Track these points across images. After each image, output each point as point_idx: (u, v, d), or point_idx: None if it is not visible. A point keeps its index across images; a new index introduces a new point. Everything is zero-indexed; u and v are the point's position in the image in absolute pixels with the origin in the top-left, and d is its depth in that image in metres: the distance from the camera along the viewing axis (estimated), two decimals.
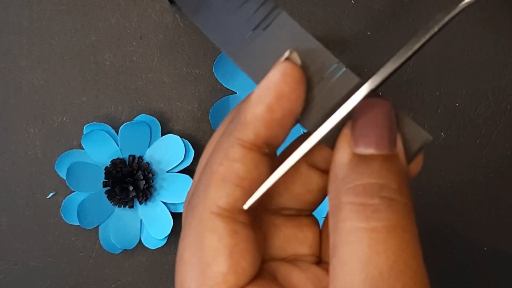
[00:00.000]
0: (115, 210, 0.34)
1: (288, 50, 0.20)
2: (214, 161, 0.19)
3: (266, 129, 0.19)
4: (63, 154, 0.34)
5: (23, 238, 0.35)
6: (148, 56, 0.34)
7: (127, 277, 0.35)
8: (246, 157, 0.19)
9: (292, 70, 0.19)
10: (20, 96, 0.34)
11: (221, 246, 0.19)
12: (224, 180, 0.19)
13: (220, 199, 0.19)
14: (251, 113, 0.19)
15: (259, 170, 0.19)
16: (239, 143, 0.19)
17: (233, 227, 0.19)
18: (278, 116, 0.19)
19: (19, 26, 0.34)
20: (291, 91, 0.19)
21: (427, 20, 0.33)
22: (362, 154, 0.19)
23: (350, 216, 0.18)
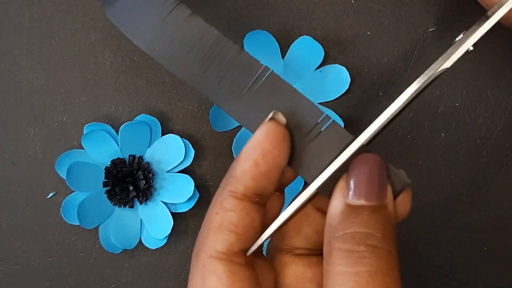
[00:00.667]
0: (115, 210, 0.34)
1: (272, 112, 0.23)
2: (211, 212, 0.23)
3: (253, 182, 0.22)
4: (63, 154, 0.34)
5: (23, 238, 0.35)
6: (148, 56, 0.34)
7: (127, 277, 0.35)
8: (238, 207, 0.22)
9: (274, 129, 0.22)
10: (20, 96, 0.34)
11: (220, 285, 0.21)
12: (220, 227, 0.22)
13: (218, 244, 0.22)
14: (240, 169, 0.22)
15: (251, 217, 0.22)
16: (231, 195, 0.22)
17: (230, 268, 0.22)
18: (263, 170, 0.22)
19: (19, 26, 0.34)
20: (274, 148, 0.22)
21: (427, 19, 0.33)
22: (354, 205, 0.21)
23: (338, 261, 0.20)
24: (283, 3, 0.34)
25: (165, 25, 0.24)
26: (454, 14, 0.33)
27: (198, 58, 0.24)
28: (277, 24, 0.34)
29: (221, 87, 0.24)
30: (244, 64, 0.24)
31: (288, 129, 0.23)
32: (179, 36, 0.24)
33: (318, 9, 0.33)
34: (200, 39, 0.24)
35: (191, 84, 0.24)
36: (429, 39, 0.33)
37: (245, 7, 0.34)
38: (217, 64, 0.24)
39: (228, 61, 0.24)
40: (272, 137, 0.22)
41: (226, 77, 0.24)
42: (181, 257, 0.35)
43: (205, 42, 0.24)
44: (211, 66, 0.24)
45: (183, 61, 0.24)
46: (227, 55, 0.24)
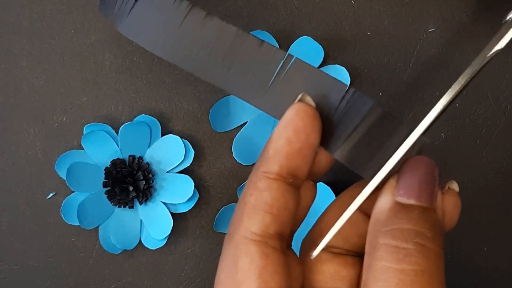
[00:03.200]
0: (115, 211, 0.34)
1: (300, 94, 0.23)
2: (246, 194, 0.22)
3: (287, 160, 0.22)
4: (63, 154, 0.34)
5: (23, 238, 0.35)
6: (148, 56, 0.34)
7: (127, 277, 0.35)
8: (272, 187, 0.22)
9: (304, 107, 0.22)
10: (20, 96, 0.34)
11: (252, 267, 0.21)
12: (255, 208, 0.22)
13: (252, 226, 0.21)
14: (273, 148, 0.22)
15: (286, 198, 0.22)
16: (265, 175, 0.22)
17: (264, 250, 0.21)
18: (296, 148, 0.22)
19: (19, 26, 0.34)
20: (306, 125, 0.22)
21: (427, 20, 0.33)
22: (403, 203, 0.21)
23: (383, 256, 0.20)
24: (283, 3, 0.34)
25: (182, 31, 0.24)
26: (454, 15, 0.33)
27: (220, 58, 0.24)
28: (277, 25, 0.34)
29: (246, 81, 0.24)
30: (266, 55, 0.23)
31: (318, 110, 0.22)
32: (198, 39, 0.24)
33: (318, 10, 0.33)
34: (219, 38, 0.24)
35: (216, 84, 0.24)
36: (429, 40, 0.33)
37: (245, 8, 0.34)
38: (239, 60, 0.24)
39: (250, 55, 0.24)
40: (303, 115, 0.22)
41: (250, 71, 0.24)
42: (181, 258, 0.35)
43: (224, 40, 0.24)
44: (233, 63, 0.24)
45: (206, 63, 0.24)
46: (248, 49, 0.24)
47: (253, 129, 0.34)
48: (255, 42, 0.24)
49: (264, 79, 0.24)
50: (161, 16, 0.25)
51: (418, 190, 0.21)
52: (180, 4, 0.24)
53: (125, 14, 0.25)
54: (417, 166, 0.21)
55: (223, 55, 0.24)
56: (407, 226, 0.20)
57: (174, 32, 0.25)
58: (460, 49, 0.33)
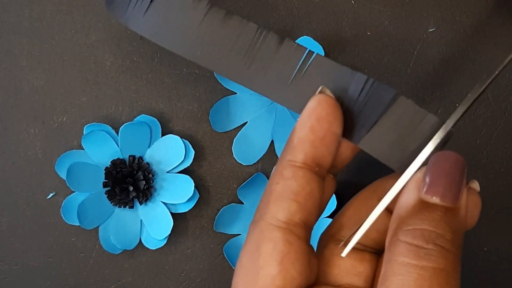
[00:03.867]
0: (115, 211, 0.34)
1: (320, 87, 0.23)
2: (272, 182, 0.23)
3: (312, 148, 0.22)
4: (63, 155, 0.34)
5: (23, 238, 0.35)
6: (148, 56, 0.34)
7: (127, 278, 0.35)
8: (298, 175, 0.22)
9: (325, 98, 0.23)
10: (20, 96, 0.34)
11: (274, 253, 0.21)
12: (281, 196, 0.22)
13: (278, 213, 0.22)
14: (297, 137, 0.22)
15: (311, 186, 0.22)
16: (290, 164, 0.22)
17: (288, 237, 0.21)
18: (320, 135, 0.22)
19: (19, 26, 0.34)
20: (328, 114, 0.22)
21: (427, 19, 0.33)
22: (427, 201, 0.21)
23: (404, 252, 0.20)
24: (283, 3, 0.34)
25: (202, 29, 0.25)
26: (454, 15, 0.33)
27: (241, 55, 0.24)
28: (277, 25, 0.34)
29: (267, 78, 0.24)
30: (287, 52, 0.24)
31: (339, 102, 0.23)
32: (218, 37, 0.25)
33: (318, 10, 0.33)
34: (240, 36, 0.24)
35: (237, 81, 0.25)
36: (429, 40, 0.33)
37: (245, 8, 0.34)
38: (260, 57, 0.24)
39: (271, 52, 0.24)
40: (324, 104, 0.22)
41: (271, 68, 0.24)
42: (181, 258, 0.35)
43: (245, 38, 0.24)
44: (254, 60, 0.24)
45: (227, 60, 0.25)
46: (269, 46, 0.24)
47: (253, 129, 0.34)
48: (276, 39, 0.24)
49: (285, 75, 0.24)
50: (180, 15, 0.25)
51: (443, 189, 0.21)
52: (199, 3, 0.25)
53: (140, 13, 0.26)
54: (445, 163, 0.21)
55: (243, 52, 0.24)
56: (429, 228, 0.20)
57: (194, 31, 0.25)
58: (460, 49, 0.33)
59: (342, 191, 0.34)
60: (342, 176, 0.34)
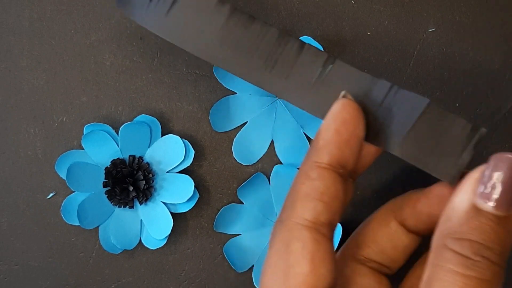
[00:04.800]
0: (115, 211, 0.34)
1: (342, 92, 0.24)
2: (297, 182, 0.23)
3: (337, 150, 0.23)
4: (63, 154, 0.34)
5: (23, 238, 0.35)
6: (148, 56, 0.34)
7: (127, 277, 0.35)
8: (323, 176, 0.23)
9: (349, 102, 0.23)
10: (20, 96, 0.34)
11: (304, 251, 0.22)
12: (308, 196, 0.22)
13: (305, 213, 0.22)
14: (322, 139, 0.23)
15: (336, 186, 0.23)
16: (316, 165, 0.23)
17: (316, 236, 0.22)
18: (345, 138, 0.23)
19: (19, 27, 0.34)
20: (353, 117, 0.23)
21: (427, 19, 0.33)
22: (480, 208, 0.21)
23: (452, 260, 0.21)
24: (283, 3, 0.34)
25: (224, 32, 0.25)
26: (454, 15, 0.33)
27: (263, 59, 0.25)
28: (277, 24, 0.34)
29: (289, 82, 0.25)
30: (309, 56, 0.24)
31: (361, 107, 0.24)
32: (240, 41, 0.25)
33: (318, 10, 0.33)
34: (262, 41, 0.25)
35: (259, 85, 0.25)
36: (429, 40, 0.33)
37: (245, 7, 0.34)
38: (282, 61, 0.24)
39: (293, 56, 0.24)
40: (349, 109, 0.23)
41: (292, 73, 0.24)
42: (181, 258, 0.35)
43: (267, 42, 0.25)
44: (276, 64, 0.25)
45: (248, 64, 0.25)
46: (291, 50, 0.24)
47: (253, 129, 0.34)
48: (297, 44, 0.24)
49: (306, 80, 0.24)
50: (202, 18, 0.25)
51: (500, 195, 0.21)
52: (222, 6, 0.25)
53: (160, 13, 0.26)
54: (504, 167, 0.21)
55: (265, 56, 0.25)
56: (478, 240, 0.21)
57: (215, 34, 0.25)
58: (460, 49, 0.33)
59: None
60: None
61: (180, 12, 0.25)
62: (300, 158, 0.34)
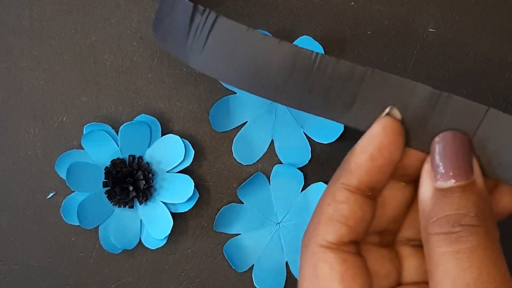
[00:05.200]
0: (115, 210, 0.34)
1: (389, 107, 0.22)
2: (323, 203, 0.22)
3: (368, 176, 0.22)
4: (63, 154, 0.34)
5: (23, 238, 0.35)
6: (148, 56, 0.34)
7: (127, 277, 0.35)
8: (350, 199, 0.22)
9: (391, 123, 0.22)
10: (20, 96, 0.34)
11: (333, 272, 0.22)
12: (331, 219, 0.22)
13: (328, 235, 0.22)
14: (355, 162, 0.22)
15: (363, 210, 0.22)
16: (344, 187, 0.22)
17: (342, 256, 0.22)
18: (379, 164, 0.22)
19: (19, 26, 0.34)
20: (391, 143, 0.22)
21: (427, 19, 0.33)
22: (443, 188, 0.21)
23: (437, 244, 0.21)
24: (283, 3, 0.34)
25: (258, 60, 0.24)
26: (454, 15, 0.33)
27: (300, 82, 0.23)
28: (277, 24, 0.34)
29: (329, 102, 0.23)
30: (345, 72, 0.23)
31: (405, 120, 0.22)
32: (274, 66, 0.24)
33: (318, 9, 0.33)
34: (296, 63, 0.23)
35: (299, 108, 0.24)
36: (429, 40, 0.33)
37: (245, 7, 0.34)
38: (319, 82, 0.23)
39: (329, 75, 0.23)
40: (389, 132, 0.22)
41: (332, 91, 0.23)
42: (181, 257, 0.35)
43: (301, 64, 0.23)
44: (314, 85, 0.23)
45: (285, 89, 0.24)
46: (326, 69, 0.23)
47: (253, 129, 0.34)
48: (332, 61, 0.23)
49: (346, 95, 0.23)
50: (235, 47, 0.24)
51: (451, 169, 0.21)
52: (253, 32, 0.24)
53: (198, 50, 0.25)
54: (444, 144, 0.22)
55: (302, 79, 0.23)
56: (451, 213, 0.21)
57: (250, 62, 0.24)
58: (460, 49, 0.33)
59: None
60: None
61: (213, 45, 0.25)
62: (300, 158, 0.34)
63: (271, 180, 0.34)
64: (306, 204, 0.34)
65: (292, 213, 0.34)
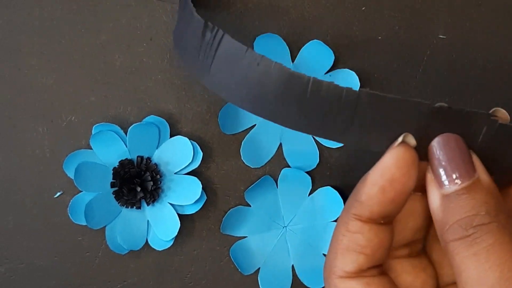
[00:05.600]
0: (122, 211, 0.34)
1: (402, 135, 0.21)
2: (338, 233, 0.22)
3: (380, 207, 0.22)
4: (71, 154, 0.34)
5: (29, 237, 0.35)
6: (158, 57, 0.34)
7: (133, 278, 0.35)
8: (364, 229, 0.22)
9: (404, 154, 0.21)
10: (29, 95, 0.34)
11: None
12: (348, 249, 0.22)
13: (346, 266, 0.22)
14: (365, 194, 0.22)
15: (379, 238, 0.22)
16: (356, 218, 0.22)
17: (364, 281, 0.22)
18: (390, 197, 0.21)
19: (29, 25, 0.34)
20: (403, 175, 0.21)
21: (437, 26, 0.33)
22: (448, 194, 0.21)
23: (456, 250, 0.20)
24: (294, 6, 0.34)
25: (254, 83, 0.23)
26: (465, 22, 0.33)
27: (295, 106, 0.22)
28: (288, 28, 0.34)
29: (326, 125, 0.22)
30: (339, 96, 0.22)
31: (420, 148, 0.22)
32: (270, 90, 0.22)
33: (328, 14, 0.33)
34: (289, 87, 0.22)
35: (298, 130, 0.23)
36: (439, 46, 0.33)
37: (256, 10, 0.34)
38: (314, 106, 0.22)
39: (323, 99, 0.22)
40: (402, 164, 0.21)
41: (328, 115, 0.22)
42: (187, 259, 0.35)
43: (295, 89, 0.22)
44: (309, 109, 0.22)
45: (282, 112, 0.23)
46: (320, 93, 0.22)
47: (262, 132, 0.34)
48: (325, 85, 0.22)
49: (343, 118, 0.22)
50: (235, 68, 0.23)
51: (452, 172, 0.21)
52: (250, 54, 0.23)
53: (207, 68, 0.25)
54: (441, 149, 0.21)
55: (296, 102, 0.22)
56: (461, 217, 0.20)
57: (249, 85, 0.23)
58: (470, 56, 0.33)
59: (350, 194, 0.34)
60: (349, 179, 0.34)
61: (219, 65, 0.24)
62: (308, 162, 0.34)
63: (278, 183, 0.34)
64: (313, 208, 0.34)
65: (299, 216, 0.34)
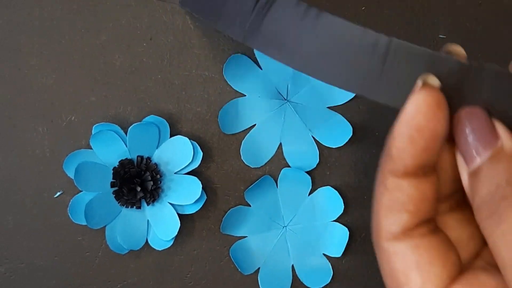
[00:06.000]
0: (122, 211, 0.34)
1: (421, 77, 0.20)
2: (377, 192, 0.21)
3: (412, 159, 0.20)
4: (71, 154, 0.34)
5: (29, 237, 0.35)
6: (158, 57, 0.34)
7: (133, 278, 0.35)
8: (402, 185, 0.20)
9: (425, 99, 0.19)
10: (29, 95, 0.34)
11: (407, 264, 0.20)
12: (389, 209, 0.20)
13: (391, 227, 0.20)
14: (395, 147, 0.20)
15: (421, 191, 0.20)
16: (391, 174, 0.20)
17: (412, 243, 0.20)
18: (421, 146, 0.19)
19: (30, 25, 0.34)
20: (429, 120, 0.19)
21: (437, 25, 0.33)
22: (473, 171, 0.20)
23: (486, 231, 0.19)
24: None
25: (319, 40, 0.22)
26: (465, 22, 0.33)
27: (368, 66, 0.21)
28: None
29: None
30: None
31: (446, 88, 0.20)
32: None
33: None
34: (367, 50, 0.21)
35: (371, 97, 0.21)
36: (439, 46, 0.33)
37: None
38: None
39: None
40: (426, 109, 0.19)
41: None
42: (187, 259, 0.35)
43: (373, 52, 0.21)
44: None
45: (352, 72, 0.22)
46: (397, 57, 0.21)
47: (262, 132, 0.34)
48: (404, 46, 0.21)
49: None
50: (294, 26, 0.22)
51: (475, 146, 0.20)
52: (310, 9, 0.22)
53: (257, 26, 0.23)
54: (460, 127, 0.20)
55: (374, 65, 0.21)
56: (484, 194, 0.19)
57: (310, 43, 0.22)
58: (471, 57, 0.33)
59: (350, 194, 0.34)
60: (349, 179, 0.34)
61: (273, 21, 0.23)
62: (308, 162, 0.34)
63: (278, 183, 0.34)
64: (313, 208, 0.34)
65: (299, 216, 0.34)
